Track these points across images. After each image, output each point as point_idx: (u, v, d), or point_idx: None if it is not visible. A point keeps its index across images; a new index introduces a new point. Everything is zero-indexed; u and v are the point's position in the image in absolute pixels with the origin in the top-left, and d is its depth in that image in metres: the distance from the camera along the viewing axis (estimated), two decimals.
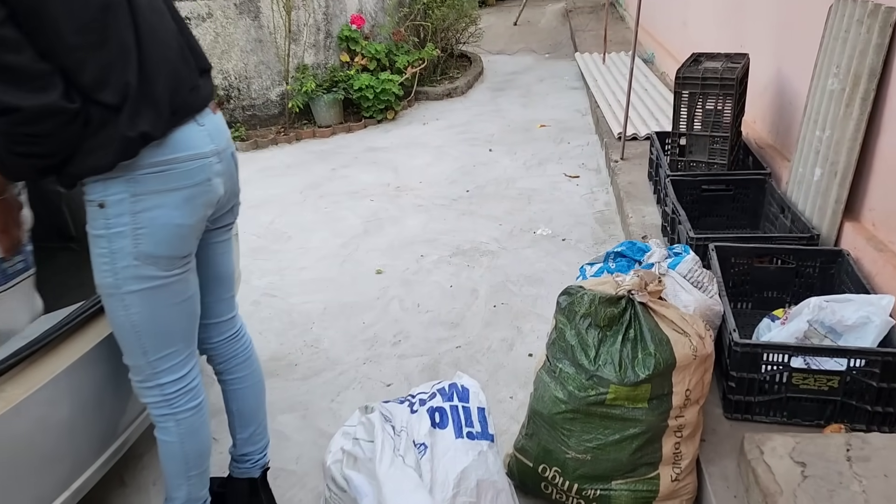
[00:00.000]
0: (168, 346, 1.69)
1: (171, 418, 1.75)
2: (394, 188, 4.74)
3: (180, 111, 1.59)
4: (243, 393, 2.04)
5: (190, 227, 1.63)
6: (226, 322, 1.97)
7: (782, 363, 2.07)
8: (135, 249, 1.56)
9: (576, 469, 1.93)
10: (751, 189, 3.25)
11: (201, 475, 1.86)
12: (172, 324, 1.68)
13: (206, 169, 1.63)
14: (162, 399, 1.73)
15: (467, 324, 3.07)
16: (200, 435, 1.81)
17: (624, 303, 1.90)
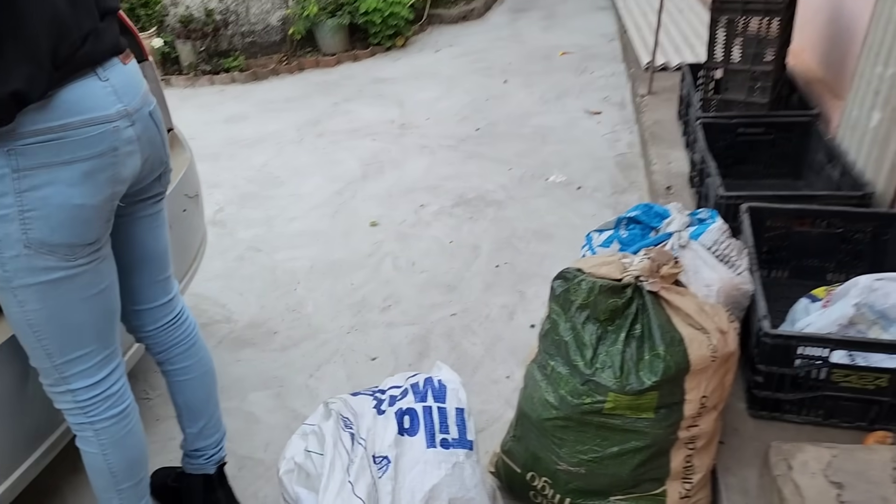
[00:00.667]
0: (77, 349, 1.43)
1: (88, 427, 1.50)
2: (398, 126, 4.37)
3: (69, 64, 1.28)
4: (190, 384, 1.79)
5: (94, 209, 1.34)
6: (162, 307, 1.71)
7: (821, 358, 1.74)
8: (24, 236, 1.29)
9: (568, 482, 1.66)
10: (794, 133, 2.83)
11: (136, 486, 1.61)
12: (81, 323, 1.42)
13: (110, 136, 1.33)
14: (76, 406, 1.48)
15: (465, 287, 2.77)
16: (126, 445, 1.56)
17: (630, 292, 1.57)
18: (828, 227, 2.24)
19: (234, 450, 2.07)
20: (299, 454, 1.53)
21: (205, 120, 4.66)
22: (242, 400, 2.26)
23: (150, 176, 1.53)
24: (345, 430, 1.55)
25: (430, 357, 2.40)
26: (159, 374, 2.36)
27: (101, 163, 1.33)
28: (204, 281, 2.91)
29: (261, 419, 2.20)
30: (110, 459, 1.54)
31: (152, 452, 2.08)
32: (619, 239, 2.04)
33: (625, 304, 1.56)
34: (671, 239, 1.93)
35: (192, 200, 2.15)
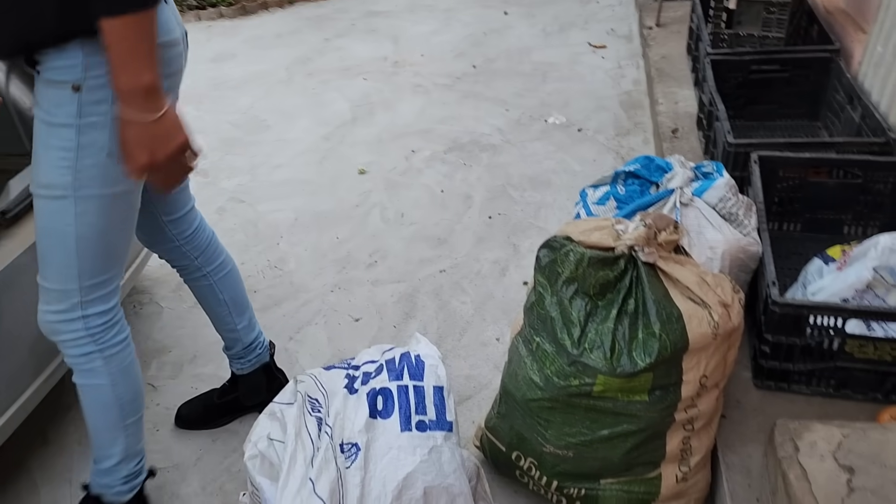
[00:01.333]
0: (105, 271, 1.44)
1: (97, 356, 1.47)
2: (391, 63, 4.13)
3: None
4: (230, 277, 1.83)
5: None
6: (190, 211, 1.76)
7: (834, 328, 1.59)
8: (110, 144, 1.29)
9: (555, 465, 1.54)
10: (812, 70, 2.61)
11: (138, 423, 1.59)
12: (117, 244, 1.44)
13: (178, 58, 1.40)
14: (86, 334, 1.45)
15: (456, 240, 2.62)
16: (132, 373, 1.55)
17: (623, 263, 1.41)
18: (846, 178, 2.06)
19: None
20: (262, 441, 1.42)
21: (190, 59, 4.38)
22: (218, 365, 2.15)
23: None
24: (311, 415, 1.43)
25: (417, 318, 2.27)
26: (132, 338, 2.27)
27: (173, 82, 1.39)
28: None
29: None
30: (119, 389, 1.51)
31: None
32: (615, 195, 1.87)
33: (617, 277, 1.41)
34: (672, 196, 1.76)
35: None
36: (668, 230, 1.45)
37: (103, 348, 1.48)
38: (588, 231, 1.50)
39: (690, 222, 1.75)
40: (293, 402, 1.54)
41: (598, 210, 1.89)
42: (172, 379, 2.13)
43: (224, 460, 1.87)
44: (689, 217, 1.75)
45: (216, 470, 1.84)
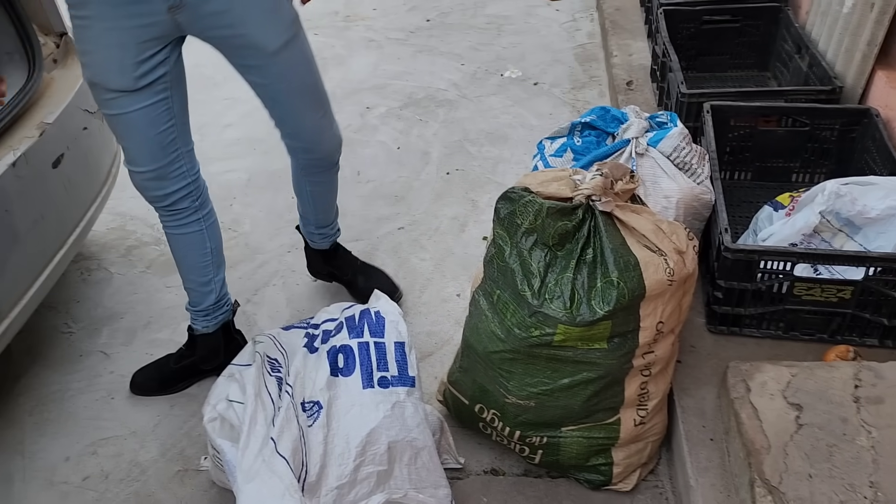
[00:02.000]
0: None
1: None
2: (343, 18, 4.03)
3: None
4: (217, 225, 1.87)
5: None
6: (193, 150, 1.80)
7: (783, 272, 1.63)
8: None
9: (517, 415, 1.55)
10: (762, 20, 2.63)
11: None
12: None
13: None
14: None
15: (414, 197, 2.59)
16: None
17: (581, 213, 1.42)
18: (794, 125, 2.09)
19: None
20: (222, 403, 1.40)
21: None
22: (174, 330, 2.11)
23: None
24: (271, 375, 1.42)
25: None
26: (80, 305, 2.21)
27: None
28: (130, 198, 2.67)
29: None
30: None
31: (78, 389, 1.96)
32: (572, 147, 1.86)
33: (575, 227, 1.41)
34: (628, 146, 1.77)
35: (94, 116, 1.91)
36: (625, 179, 1.46)
37: None
38: (546, 182, 1.49)
39: (646, 172, 1.76)
40: (252, 363, 1.53)
41: (556, 162, 1.88)
42: (126, 346, 2.09)
43: (183, 425, 1.85)
44: (644, 167, 1.76)
45: (175, 435, 1.82)
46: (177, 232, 1.76)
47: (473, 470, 1.67)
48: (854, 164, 2.05)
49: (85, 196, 1.92)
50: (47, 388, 1.97)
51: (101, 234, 2.52)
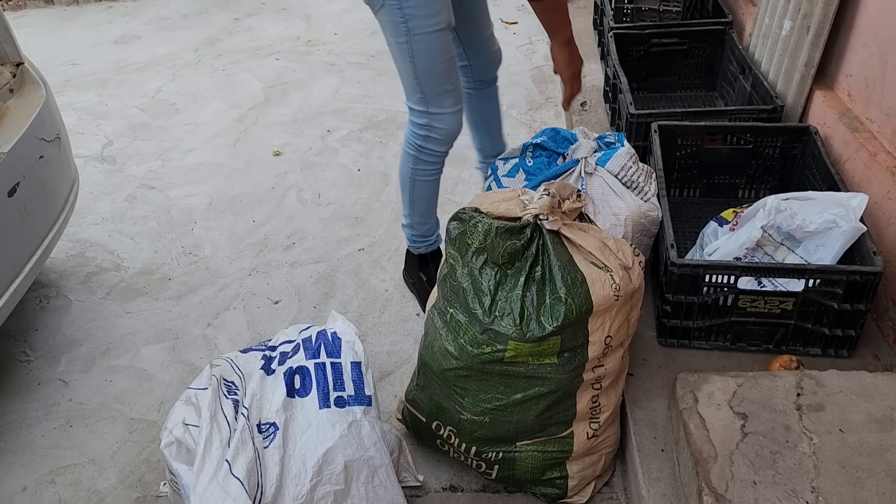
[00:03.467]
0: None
1: None
2: (304, 42, 4.07)
3: None
4: None
5: None
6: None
7: (728, 285, 1.70)
8: None
9: (472, 431, 1.58)
10: (708, 42, 2.73)
11: None
12: None
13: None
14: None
15: (374, 218, 2.63)
16: None
17: (529, 232, 1.46)
18: (738, 143, 2.17)
19: (123, 412, 1.94)
20: (178, 427, 1.41)
21: (91, 41, 4.23)
22: (133, 356, 2.11)
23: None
24: (227, 398, 1.43)
25: (337, 297, 2.28)
26: (38, 333, 2.20)
27: None
28: (90, 225, 2.69)
29: (154, 376, 2.05)
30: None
31: (35, 418, 1.94)
32: (524, 167, 1.92)
33: (524, 246, 1.46)
34: (578, 166, 1.82)
35: (51, 144, 1.91)
36: (571, 199, 1.51)
37: None
38: (496, 202, 1.54)
39: (595, 191, 1.82)
40: (208, 386, 1.53)
41: (508, 182, 1.93)
42: (84, 373, 2.08)
43: (142, 451, 1.84)
44: (594, 186, 1.82)
45: (134, 461, 1.81)
46: (441, 171, 2.08)
47: (432, 487, 1.69)
48: (795, 179, 2.13)
49: (42, 224, 1.92)
50: (4, 418, 1.95)
51: (60, 262, 2.50)
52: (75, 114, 3.42)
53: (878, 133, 1.90)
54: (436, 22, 1.73)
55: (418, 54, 1.76)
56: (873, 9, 1.94)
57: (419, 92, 1.84)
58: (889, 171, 1.79)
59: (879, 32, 1.90)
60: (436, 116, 1.88)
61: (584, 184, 1.81)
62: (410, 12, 1.69)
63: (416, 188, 2.08)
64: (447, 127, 1.91)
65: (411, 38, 1.73)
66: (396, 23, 1.72)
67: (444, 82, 1.83)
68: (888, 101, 1.85)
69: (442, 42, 1.77)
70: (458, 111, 1.91)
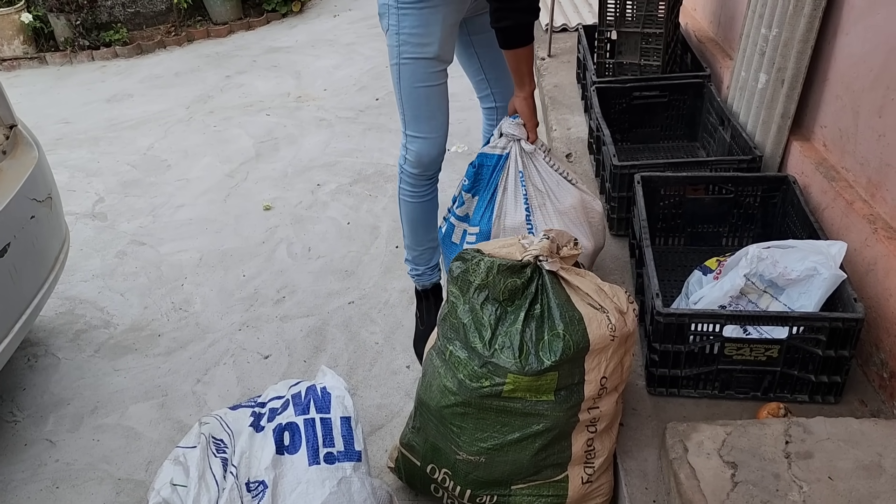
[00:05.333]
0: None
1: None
2: (294, 98, 4.15)
3: None
4: None
5: None
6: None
7: (713, 333, 1.71)
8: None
9: (468, 473, 1.59)
10: (688, 95, 2.80)
11: None
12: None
13: None
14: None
15: (364, 271, 2.65)
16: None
17: (529, 271, 1.50)
18: (720, 193, 2.22)
19: (110, 472, 1.92)
20: (166, 488, 1.40)
21: (84, 100, 4.30)
22: (122, 414, 2.09)
23: None
24: (216, 456, 1.43)
25: (327, 350, 2.28)
26: (26, 392, 2.19)
27: None
28: (80, 282, 2.69)
29: (142, 434, 2.04)
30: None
31: (22, 480, 1.92)
32: (464, 188, 2.03)
33: (524, 284, 1.50)
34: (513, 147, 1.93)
35: (42, 204, 1.94)
36: (569, 246, 1.55)
37: None
38: (497, 248, 1.58)
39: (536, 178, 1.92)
40: (197, 444, 1.53)
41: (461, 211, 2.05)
42: (72, 433, 2.06)
43: None
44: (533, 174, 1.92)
45: None
46: (428, 198, 2.14)
47: None
48: (777, 227, 2.17)
49: (32, 283, 1.93)
50: None
51: (49, 319, 2.50)
52: (67, 171, 3.46)
53: (853, 182, 1.95)
54: (424, 51, 1.87)
55: (403, 77, 1.93)
56: (843, 62, 2.01)
57: (401, 112, 2.02)
58: (866, 218, 1.83)
59: (850, 85, 1.97)
60: (410, 138, 2.04)
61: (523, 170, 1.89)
62: (404, 38, 1.86)
63: (402, 207, 2.20)
64: (417, 150, 2.03)
65: (400, 62, 1.90)
66: (392, 46, 1.90)
67: (423, 107, 1.97)
68: (861, 151, 1.91)
69: (425, 71, 1.91)
70: (433, 140, 2.02)
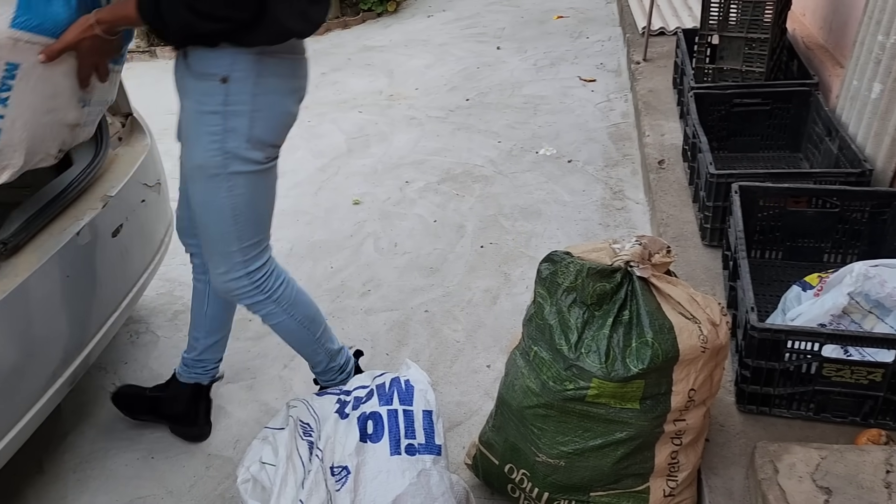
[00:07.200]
0: (259, 233, 1.69)
1: (268, 302, 1.74)
2: (386, 97, 4.23)
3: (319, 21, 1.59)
4: (221, 301, 1.93)
5: (293, 118, 1.61)
6: None
7: (811, 352, 1.64)
8: (249, 132, 1.51)
9: (546, 476, 1.58)
10: (793, 103, 2.69)
11: (325, 331, 1.89)
12: (265, 210, 1.69)
13: (307, 66, 1.64)
14: (252, 287, 1.70)
15: (448, 269, 2.67)
16: (302, 300, 1.82)
17: (619, 277, 1.48)
18: (824, 207, 2.12)
19: (202, 447, 2.01)
20: (255, 465, 1.46)
21: None
22: (213, 392, 2.18)
23: None
24: (303, 439, 1.47)
25: (409, 345, 2.32)
26: (128, 366, 2.31)
27: (300, 84, 1.61)
28: (180, 265, 2.82)
29: (231, 413, 2.12)
30: (297, 317, 1.79)
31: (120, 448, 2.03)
32: None
33: (613, 289, 1.47)
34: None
35: (152, 189, 2.05)
36: (661, 253, 1.52)
37: (269, 293, 1.73)
38: (587, 252, 1.57)
39: None
40: (285, 426, 1.58)
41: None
42: None
43: (218, 486, 1.90)
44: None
45: (210, 496, 1.87)
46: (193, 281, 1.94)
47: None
48: (886, 245, 2.06)
49: (139, 264, 2.04)
50: (92, 446, 2.05)
51: (150, 299, 2.64)
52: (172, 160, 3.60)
53: None
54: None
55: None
56: None
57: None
58: None
59: None
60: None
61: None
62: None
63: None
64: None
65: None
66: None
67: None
68: None
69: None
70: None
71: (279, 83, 1.52)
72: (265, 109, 1.50)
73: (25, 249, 1.70)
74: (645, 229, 2.73)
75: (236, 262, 1.66)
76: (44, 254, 1.67)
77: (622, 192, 3.00)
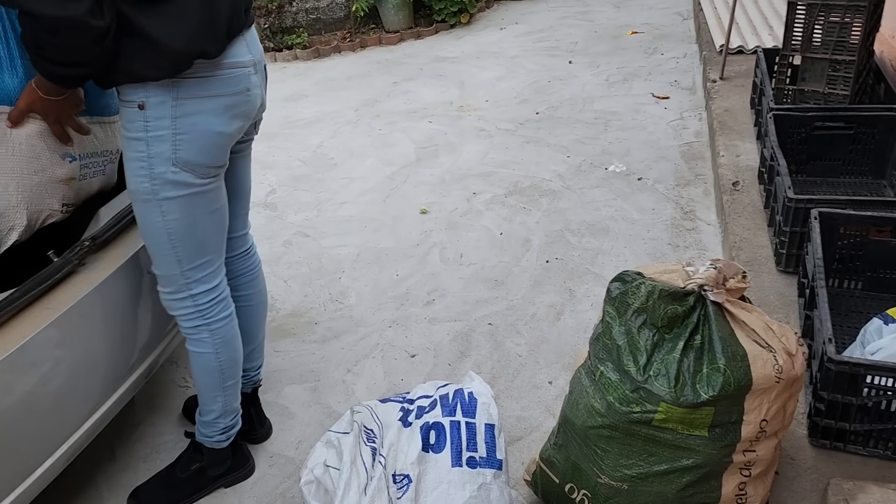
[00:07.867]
0: (202, 256, 1.64)
1: (205, 329, 1.70)
2: (456, 108, 4.26)
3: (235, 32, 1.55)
4: (249, 310, 1.96)
5: (228, 136, 1.57)
6: (240, 238, 1.91)
7: (893, 388, 1.57)
8: (173, 155, 1.49)
9: (608, 498, 1.55)
10: (878, 128, 2.59)
11: (235, 385, 1.83)
12: (207, 232, 1.64)
13: (245, 79, 1.57)
14: (195, 311, 1.68)
15: (513, 282, 2.67)
16: (234, 344, 1.78)
17: (692, 300, 1.45)
18: None
19: (265, 446, 2.06)
20: (319, 467, 1.49)
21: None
22: (278, 393, 2.24)
23: (256, 117, 1.70)
24: (366, 445, 1.50)
25: (471, 357, 2.32)
26: None
27: (238, 99, 1.55)
28: None
29: (295, 414, 2.17)
30: (221, 357, 1.74)
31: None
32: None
33: (685, 313, 1.45)
34: None
35: None
36: (737, 278, 1.49)
37: (210, 322, 1.70)
38: (659, 273, 1.55)
39: None
40: (349, 431, 1.61)
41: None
42: None
43: (280, 485, 1.94)
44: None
45: (272, 494, 1.91)
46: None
47: None
48: None
49: None
50: (161, 437, 2.13)
51: None
52: None
53: None
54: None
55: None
56: None
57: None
58: None
59: None
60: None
61: None
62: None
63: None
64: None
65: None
66: None
67: None
68: None
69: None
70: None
71: (202, 104, 1.48)
72: (189, 132, 1.48)
73: (112, 245, 1.78)
74: (716, 251, 2.67)
75: (180, 283, 1.64)
76: (128, 250, 1.76)
77: (693, 213, 2.94)
